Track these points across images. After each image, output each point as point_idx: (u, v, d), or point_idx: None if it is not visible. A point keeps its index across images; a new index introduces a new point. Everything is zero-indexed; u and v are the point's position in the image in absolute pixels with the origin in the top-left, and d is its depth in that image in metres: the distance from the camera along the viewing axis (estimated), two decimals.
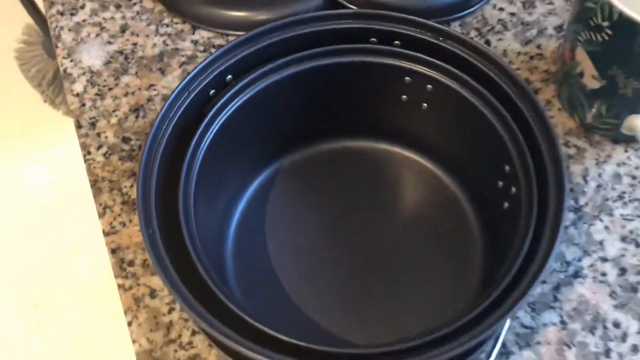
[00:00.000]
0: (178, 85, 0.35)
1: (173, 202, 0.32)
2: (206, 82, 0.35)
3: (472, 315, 0.28)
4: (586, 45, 0.38)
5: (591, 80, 0.39)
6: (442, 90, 0.36)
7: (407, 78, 0.37)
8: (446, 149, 0.39)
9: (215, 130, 0.35)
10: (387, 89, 0.38)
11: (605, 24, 0.36)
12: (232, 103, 0.36)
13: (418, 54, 0.36)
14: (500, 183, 0.35)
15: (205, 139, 0.35)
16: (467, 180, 0.39)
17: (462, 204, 0.39)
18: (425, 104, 0.38)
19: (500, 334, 0.33)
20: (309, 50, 0.37)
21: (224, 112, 0.36)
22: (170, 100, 0.34)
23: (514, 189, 0.33)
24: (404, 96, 0.38)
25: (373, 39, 0.37)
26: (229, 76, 0.36)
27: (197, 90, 0.35)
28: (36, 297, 0.69)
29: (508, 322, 0.32)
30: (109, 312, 0.71)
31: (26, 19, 0.58)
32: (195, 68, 0.35)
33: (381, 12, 0.37)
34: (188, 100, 0.35)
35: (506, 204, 0.34)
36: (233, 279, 0.37)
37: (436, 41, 0.36)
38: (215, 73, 0.36)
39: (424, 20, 0.36)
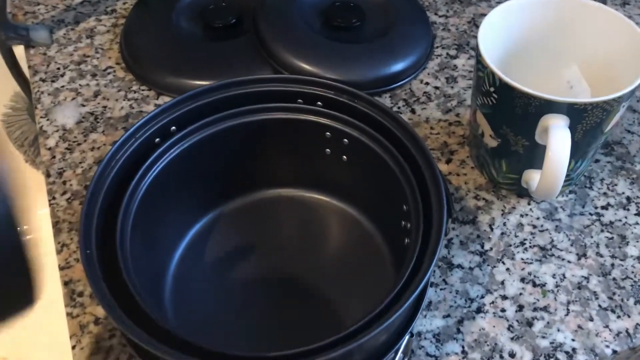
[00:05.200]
0: (127, 131, 0.40)
1: (112, 232, 0.37)
2: (152, 130, 0.41)
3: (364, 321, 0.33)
4: (482, 109, 0.44)
5: (490, 139, 0.45)
6: (356, 143, 0.42)
7: (328, 133, 0.43)
8: (363, 195, 0.45)
9: (155, 172, 0.40)
10: (312, 143, 0.44)
11: (492, 89, 0.42)
12: (173, 149, 0.41)
13: (336, 113, 0.42)
14: (403, 222, 0.40)
15: (146, 179, 0.40)
16: (379, 221, 0.44)
17: (377, 241, 0.44)
18: (345, 157, 0.44)
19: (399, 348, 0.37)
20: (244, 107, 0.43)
21: (164, 157, 0.41)
22: (118, 143, 0.39)
23: (409, 225, 0.38)
24: (328, 150, 0.44)
25: (300, 100, 0.43)
26: (173, 127, 0.42)
27: (143, 137, 0.41)
28: (4, 351, 0.73)
29: (407, 338, 0.36)
30: None
31: (16, 87, 0.65)
32: (142, 117, 0.41)
33: (307, 77, 0.43)
34: (135, 145, 0.40)
35: (406, 240, 0.39)
36: (169, 302, 0.41)
37: (351, 102, 0.42)
38: (161, 123, 0.41)
39: (341, 85, 0.42)
